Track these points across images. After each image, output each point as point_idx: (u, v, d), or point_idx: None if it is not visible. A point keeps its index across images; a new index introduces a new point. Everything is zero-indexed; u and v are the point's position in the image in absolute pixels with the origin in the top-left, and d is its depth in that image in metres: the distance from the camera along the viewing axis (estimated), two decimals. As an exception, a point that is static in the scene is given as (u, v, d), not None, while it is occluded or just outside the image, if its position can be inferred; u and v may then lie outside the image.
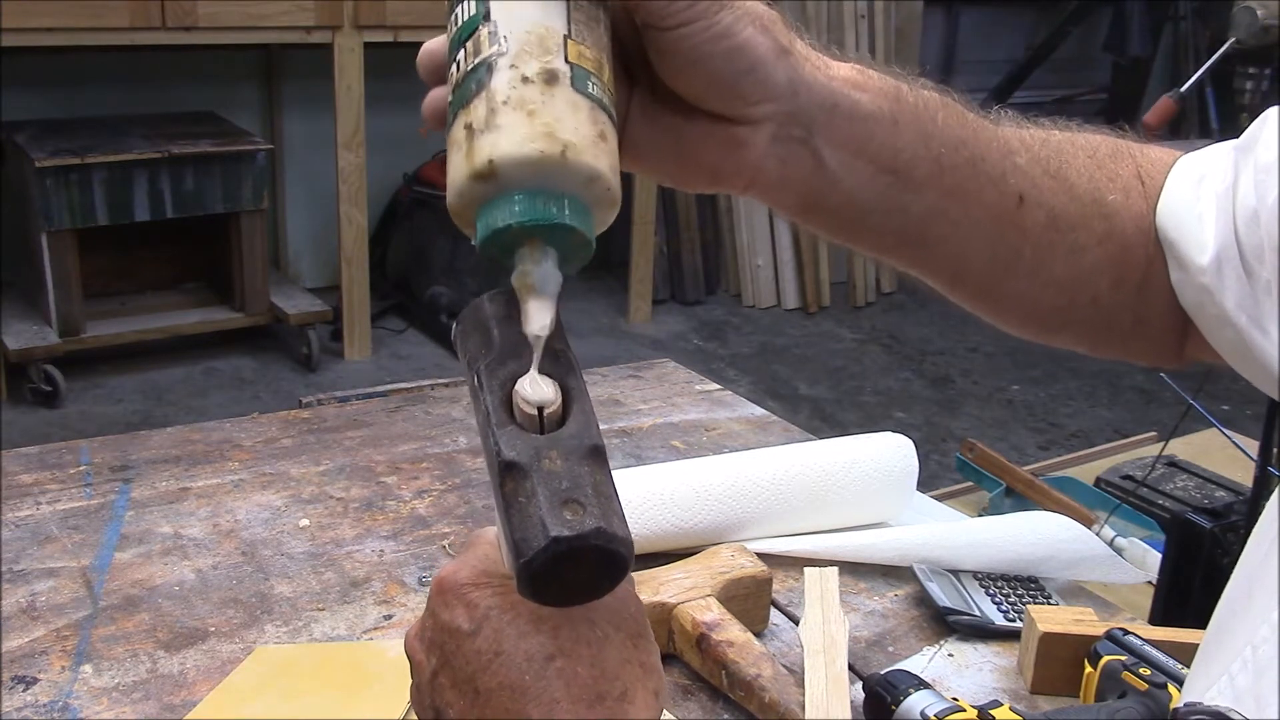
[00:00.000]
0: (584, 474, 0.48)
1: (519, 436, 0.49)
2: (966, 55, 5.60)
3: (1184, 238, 0.64)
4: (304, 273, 4.30)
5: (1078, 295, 0.67)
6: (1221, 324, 0.64)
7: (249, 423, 1.30)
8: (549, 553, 0.46)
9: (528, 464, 0.48)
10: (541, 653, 0.50)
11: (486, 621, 0.51)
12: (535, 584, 0.47)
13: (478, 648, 0.51)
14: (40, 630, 0.92)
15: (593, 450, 0.49)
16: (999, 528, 1.08)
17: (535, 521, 0.46)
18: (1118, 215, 0.65)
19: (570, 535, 0.46)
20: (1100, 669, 0.85)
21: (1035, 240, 0.64)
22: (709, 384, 1.49)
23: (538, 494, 0.47)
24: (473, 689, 0.51)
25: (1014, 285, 0.66)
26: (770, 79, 0.54)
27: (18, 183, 3.42)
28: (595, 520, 0.46)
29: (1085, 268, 0.65)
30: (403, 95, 4.18)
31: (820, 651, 0.85)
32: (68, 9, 3.12)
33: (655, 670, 0.53)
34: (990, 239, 0.63)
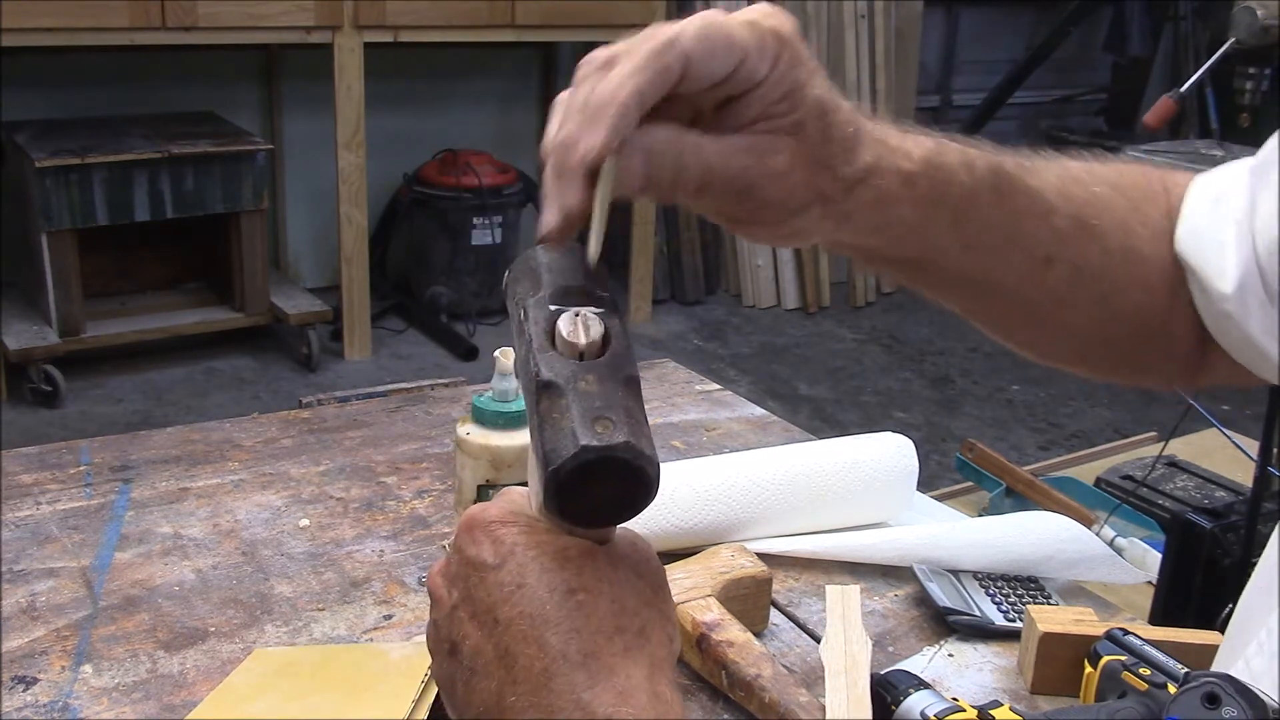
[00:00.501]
0: (617, 397, 0.50)
1: (559, 361, 0.51)
2: (966, 55, 5.60)
3: (1205, 264, 0.65)
4: (304, 273, 4.30)
5: (1098, 339, 0.69)
6: (1246, 346, 0.65)
7: (249, 423, 1.30)
8: (577, 460, 0.48)
9: (564, 384, 0.50)
10: (564, 586, 0.50)
11: (512, 556, 0.52)
12: (562, 494, 0.49)
13: (501, 579, 0.51)
14: (40, 630, 0.92)
15: (628, 379, 0.51)
16: (999, 528, 1.08)
17: (566, 433, 0.48)
18: (1145, 263, 0.67)
19: (599, 445, 0.48)
20: (1100, 669, 0.85)
21: (1057, 295, 0.66)
22: (709, 384, 1.49)
23: (571, 410, 0.49)
24: (492, 618, 0.51)
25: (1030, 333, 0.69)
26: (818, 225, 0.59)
27: (18, 183, 3.42)
28: (624, 436, 0.48)
29: (1107, 315, 0.67)
30: (403, 95, 4.19)
31: (842, 672, 0.85)
32: (68, 9, 3.12)
33: (672, 619, 0.54)
34: (1009, 294, 0.66)
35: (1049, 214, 0.63)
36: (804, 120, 0.56)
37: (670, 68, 0.51)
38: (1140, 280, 0.66)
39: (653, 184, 0.53)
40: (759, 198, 0.56)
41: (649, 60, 0.51)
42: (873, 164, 0.58)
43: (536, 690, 0.49)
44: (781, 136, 0.55)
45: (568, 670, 0.49)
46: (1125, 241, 0.66)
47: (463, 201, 4.02)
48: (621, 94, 0.51)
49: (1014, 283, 0.65)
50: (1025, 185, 0.63)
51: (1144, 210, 0.67)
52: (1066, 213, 0.64)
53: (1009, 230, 0.63)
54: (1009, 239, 0.63)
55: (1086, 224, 0.65)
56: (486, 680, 0.51)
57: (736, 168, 0.55)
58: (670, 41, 0.51)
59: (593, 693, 0.48)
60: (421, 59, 4.12)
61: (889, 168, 0.58)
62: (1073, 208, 0.64)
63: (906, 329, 4.41)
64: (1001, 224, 0.62)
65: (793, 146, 0.56)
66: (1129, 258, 0.66)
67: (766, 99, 0.54)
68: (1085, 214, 0.65)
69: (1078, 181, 0.66)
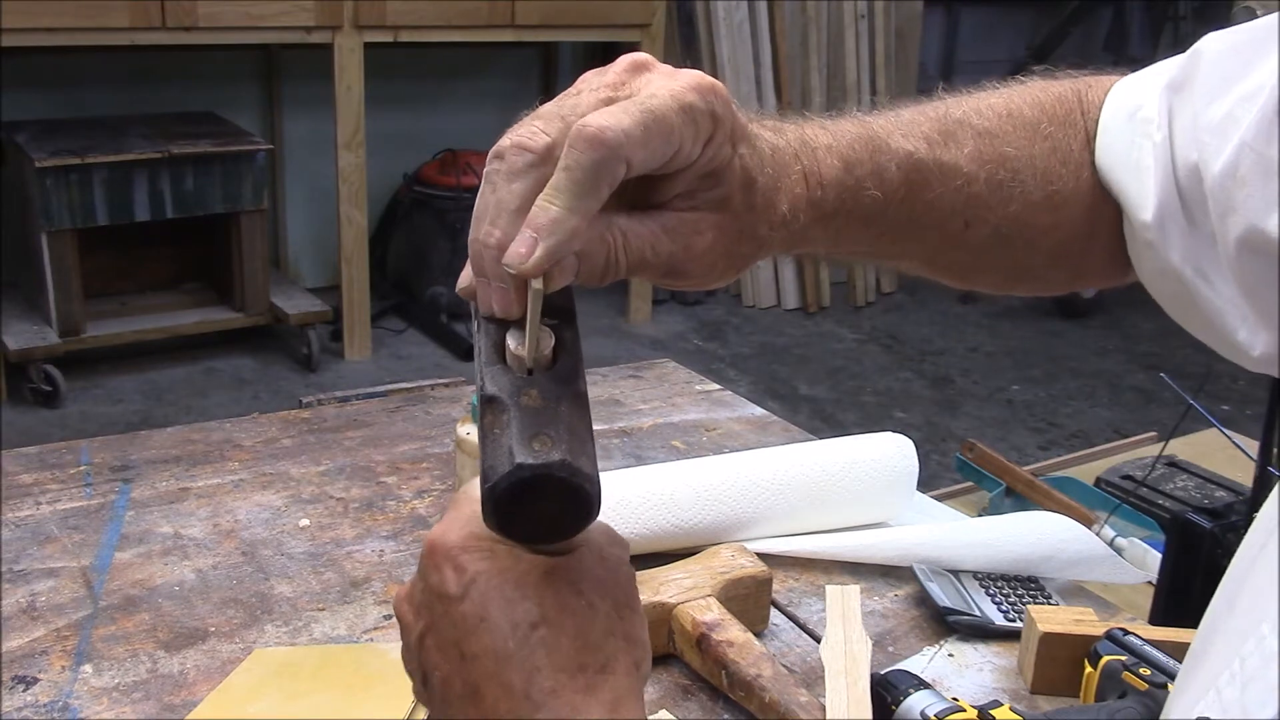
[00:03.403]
0: (560, 414, 0.50)
1: (504, 375, 0.51)
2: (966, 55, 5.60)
3: (1125, 190, 0.65)
4: (304, 273, 4.30)
5: (1021, 273, 0.70)
6: (1165, 277, 0.64)
7: (249, 423, 1.30)
8: (512, 479, 0.47)
9: (506, 399, 0.50)
10: (526, 620, 0.50)
11: (473, 586, 0.51)
12: (500, 511, 0.49)
13: (464, 612, 0.51)
14: (40, 630, 0.92)
15: (574, 395, 0.51)
16: (999, 528, 1.08)
17: (504, 450, 0.48)
18: (1066, 203, 0.66)
19: (534, 464, 0.47)
20: (1100, 669, 0.85)
21: (978, 249, 0.66)
22: (709, 384, 1.49)
23: (511, 426, 0.49)
24: (458, 653, 0.51)
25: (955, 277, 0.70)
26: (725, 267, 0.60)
27: (18, 183, 3.42)
28: (561, 454, 0.48)
29: (1029, 256, 0.68)
30: (403, 95, 4.19)
31: (842, 672, 0.85)
32: (68, 9, 3.12)
33: (638, 642, 0.53)
34: (928, 254, 0.67)
35: (965, 185, 0.64)
36: (729, 195, 0.56)
37: (615, 177, 0.51)
38: (1062, 221, 0.67)
39: (585, 277, 0.54)
40: (683, 273, 0.57)
41: (592, 176, 0.50)
42: (788, 212, 0.59)
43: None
44: (706, 214, 0.56)
45: (530, 711, 0.49)
46: (1047, 189, 0.66)
47: (463, 201, 4.01)
48: (568, 225, 0.50)
49: (932, 250, 0.67)
50: (940, 167, 0.63)
51: (1064, 147, 0.67)
52: (984, 178, 0.64)
53: (922, 215, 0.64)
54: (923, 222, 0.64)
55: (1005, 184, 0.65)
56: (458, 711, 0.51)
57: (664, 252, 0.55)
58: (615, 152, 0.50)
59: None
60: (421, 59, 4.12)
61: (802, 205, 0.60)
62: (990, 170, 0.65)
63: (906, 329, 4.41)
64: (914, 213, 0.63)
65: (716, 222, 0.56)
66: (1051, 203, 0.66)
67: (694, 175, 0.55)
68: (1003, 175, 0.65)
69: (995, 138, 0.66)
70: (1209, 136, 0.59)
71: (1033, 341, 4.28)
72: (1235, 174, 0.56)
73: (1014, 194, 0.65)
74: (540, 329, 0.51)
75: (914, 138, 0.63)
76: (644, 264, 0.55)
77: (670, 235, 0.55)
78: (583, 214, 0.50)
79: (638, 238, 0.54)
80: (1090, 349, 4.26)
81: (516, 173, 0.52)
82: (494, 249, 0.51)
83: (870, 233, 0.63)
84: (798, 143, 0.61)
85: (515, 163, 0.52)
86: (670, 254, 0.56)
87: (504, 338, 0.52)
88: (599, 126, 0.50)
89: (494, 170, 0.53)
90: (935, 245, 0.66)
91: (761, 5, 4.40)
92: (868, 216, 0.62)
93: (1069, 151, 0.67)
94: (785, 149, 0.60)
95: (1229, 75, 0.59)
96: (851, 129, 0.63)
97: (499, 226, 0.51)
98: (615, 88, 0.53)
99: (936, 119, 0.65)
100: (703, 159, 0.54)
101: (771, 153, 0.59)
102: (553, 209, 0.50)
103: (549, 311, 0.52)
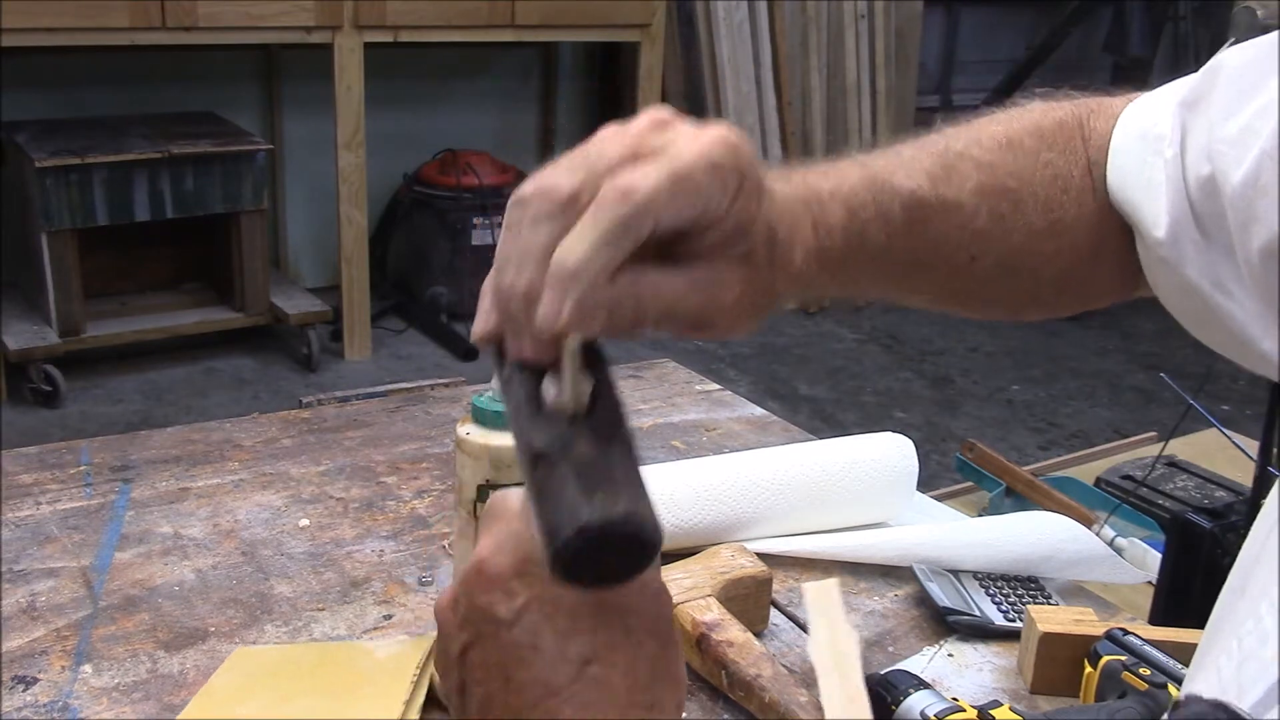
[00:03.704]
0: (613, 461, 0.49)
1: (548, 426, 0.50)
2: (966, 55, 5.60)
3: (1138, 208, 0.65)
4: (304, 273, 4.30)
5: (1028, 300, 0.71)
6: (1183, 293, 0.64)
7: (249, 423, 1.30)
8: (582, 538, 0.47)
9: (557, 453, 0.49)
10: (579, 656, 0.50)
11: (526, 614, 0.51)
12: (567, 569, 0.48)
13: (515, 639, 0.51)
14: (40, 630, 0.92)
15: (621, 438, 0.50)
16: (999, 528, 1.08)
17: (565, 508, 0.48)
18: (1069, 230, 0.67)
19: (600, 521, 0.47)
20: (1100, 669, 0.85)
21: (984, 281, 0.67)
22: (709, 384, 1.49)
23: (568, 481, 0.48)
24: (504, 677, 0.51)
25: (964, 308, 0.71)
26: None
27: (18, 183, 3.42)
28: (625, 504, 0.48)
29: (1033, 284, 0.69)
30: (403, 95, 4.19)
31: (833, 670, 0.84)
32: (68, 9, 3.12)
33: (680, 681, 0.53)
34: (937, 289, 0.68)
35: (969, 221, 0.65)
36: (754, 249, 0.56)
37: (641, 233, 0.50)
38: (1066, 247, 0.67)
39: (612, 329, 0.53)
40: (708, 325, 0.57)
41: (620, 230, 0.50)
42: (801, 264, 0.60)
43: None
44: (733, 267, 0.56)
45: None
46: (1049, 218, 0.66)
47: (463, 201, 4.02)
48: (592, 270, 0.49)
49: (939, 285, 0.67)
50: (943, 204, 0.64)
51: (1065, 174, 0.67)
52: (987, 211, 0.65)
53: (928, 254, 0.65)
54: (928, 260, 0.65)
55: (1007, 216, 0.65)
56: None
57: (692, 306, 0.55)
58: (644, 209, 0.50)
59: None
60: (421, 59, 4.12)
61: (812, 255, 0.60)
62: (993, 203, 0.65)
63: (906, 329, 4.41)
64: (919, 253, 0.64)
65: (742, 276, 0.56)
66: (1053, 230, 0.67)
67: (721, 231, 0.55)
68: (1005, 207, 0.65)
69: (996, 170, 0.66)
70: (1226, 148, 0.59)
71: (1033, 341, 4.28)
72: (1257, 183, 0.56)
73: (1016, 225, 0.66)
74: (577, 375, 0.51)
75: (916, 175, 0.64)
76: (671, 317, 0.55)
77: (698, 289, 0.55)
78: (605, 265, 0.50)
79: (667, 290, 0.54)
80: (1090, 349, 4.26)
81: (541, 218, 0.51)
82: (521, 296, 0.51)
83: (877, 271, 0.64)
84: (805, 191, 0.61)
85: (540, 208, 0.51)
86: (699, 306, 0.55)
87: (538, 387, 0.51)
88: (628, 183, 0.50)
89: (516, 217, 0.52)
90: (942, 280, 0.67)
91: (761, 5, 4.40)
92: (873, 260, 0.63)
93: (1070, 179, 0.67)
94: (795, 199, 0.60)
95: (1245, 89, 0.59)
96: (854, 172, 0.63)
97: (526, 273, 0.51)
98: (639, 143, 0.53)
99: (937, 155, 0.65)
100: (730, 216, 0.54)
101: (784, 203, 0.59)
102: (574, 257, 0.49)
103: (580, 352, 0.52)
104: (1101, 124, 0.69)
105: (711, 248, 0.55)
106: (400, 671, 0.84)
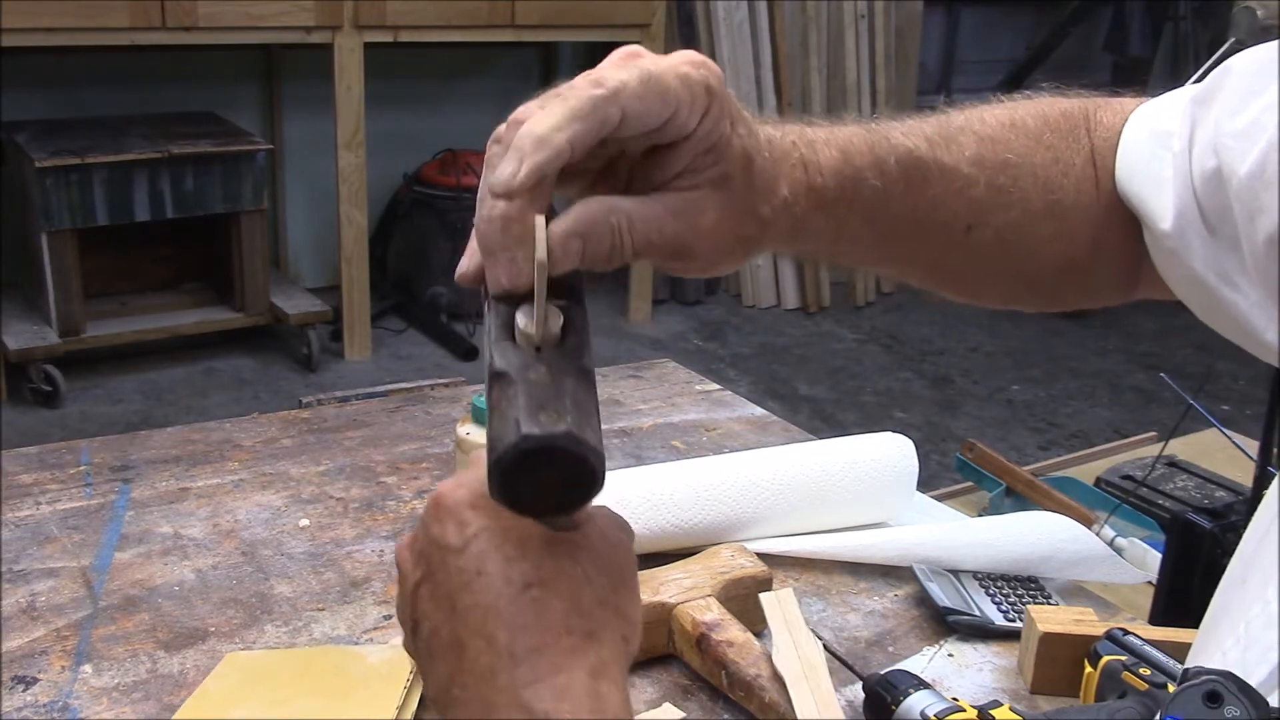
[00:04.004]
0: (566, 388, 0.51)
1: (512, 352, 0.52)
2: (966, 55, 5.60)
3: (1145, 202, 0.66)
4: (304, 273, 4.30)
5: (1025, 286, 0.71)
6: (1190, 283, 0.65)
7: (249, 423, 1.30)
8: (518, 449, 0.48)
9: (514, 374, 0.51)
10: (521, 579, 0.51)
11: (475, 540, 0.52)
12: (505, 481, 0.49)
13: (461, 565, 0.52)
14: (40, 630, 0.92)
15: (580, 370, 0.52)
16: (999, 528, 1.08)
17: (510, 422, 0.49)
18: (1068, 214, 0.67)
19: (540, 434, 0.48)
20: (1100, 669, 0.85)
21: (981, 256, 0.67)
22: (709, 384, 1.49)
23: (518, 399, 0.50)
24: (450, 605, 0.52)
25: (956, 289, 0.71)
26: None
27: (18, 183, 3.42)
28: (567, 425, 0.49)
29: (1032, 266, 0.69)
30: (403, 95, 4.19)
31: (802, 678, 0.84)
32: (68, 9, 3.12)
33: (629, 618, 0.54)
34: (934, 261, 0.68)
35: (966, 188, 0.65)
36: (729, 172, 0.57)
37: (609, 119, 0.52)
38: (1064, 232, 0.68)
39: (590, 259, 0.55)
40: (689, 254, 0.58)
41: (589, 108, 0.52)
42: (789, 196, 0.60)
43: (480, 684, 0.50)
44: (708, 192, 0.57)
45: (510, 667, 0.49)
46: (1047, 198, 0.67)
47: (463, 201, 4.01)
48: (556, 139, 0.52)
49: (936, 254, 0.68)
50: (940, 167, 0.64)
51: (1066, 159, 0.68)
52: (985, 182, 0.66)
53: (924, 215, 0.65)
54: (925, 222, 0.65)
55: (1005, 189, 0.66)
56: (441, 664, 0.52)
57: (669, 233, 0.56)
58: (613, 93, 0.52)
59: (532, 690, 0.49)
60: (421, 59, 4.12)
61: (801, 190, 0.61)
62: (991, 175, 0.66)
63: (906, 329, 4.41)
64: (916, 212, 0.65)
65: (719, 201, 0.57)
66: (1052, 212, 0.67)
67: (694, 151, 0.56)
68: (1004, 180, 0.66)
69: (996, 144, 0.67)
70: (1233, 141, 0.60)
71: (1033, 341, 4.28)
72: (1262, 176, 0.57)
73: (1014, 199, 0.66)
74: (549, 308, 0.52)
75: (914, 136, 0.64)
76: (650, 245, 0.56)
77: (675, 215, 0.56)
78: (570, 137, 0.51)
79: (642, 219, 0.55)
80: (1090, 349, 4.26)
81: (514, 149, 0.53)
82: (498, 219, 0.52)
83: (872, 231, 0.64)
84: (795, 134, 0.62)
85: (513, 139, 0.53)
86: (676, 234, 0.57)
87: (513, 317, 0.53)
88: (598, 74, 0.52)
89: (494, 153, 0.54)
90: (938, 250, 0.67)
91: (761, 5, 4.40)
92: (869, 211, 0.63)
93: (1070, 164, 0.68)
94: (783, 138, 0.61)
95: (1255, 86, 0.60)
96: (850, 126, 0.64)
97: (500, 201, 0.52)
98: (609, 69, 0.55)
99: (938, 124, 0.66)
100: (700, 131, 0.55)
101: (769, 140, 0.60)
102: (540, 127, 0.51)
103: (558, 292, 0.53)
104: (1109, 117, 0.70)
105: (686, 172, 0.56)
106: (393, 677, 0.84)
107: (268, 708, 0.83)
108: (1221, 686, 0.46)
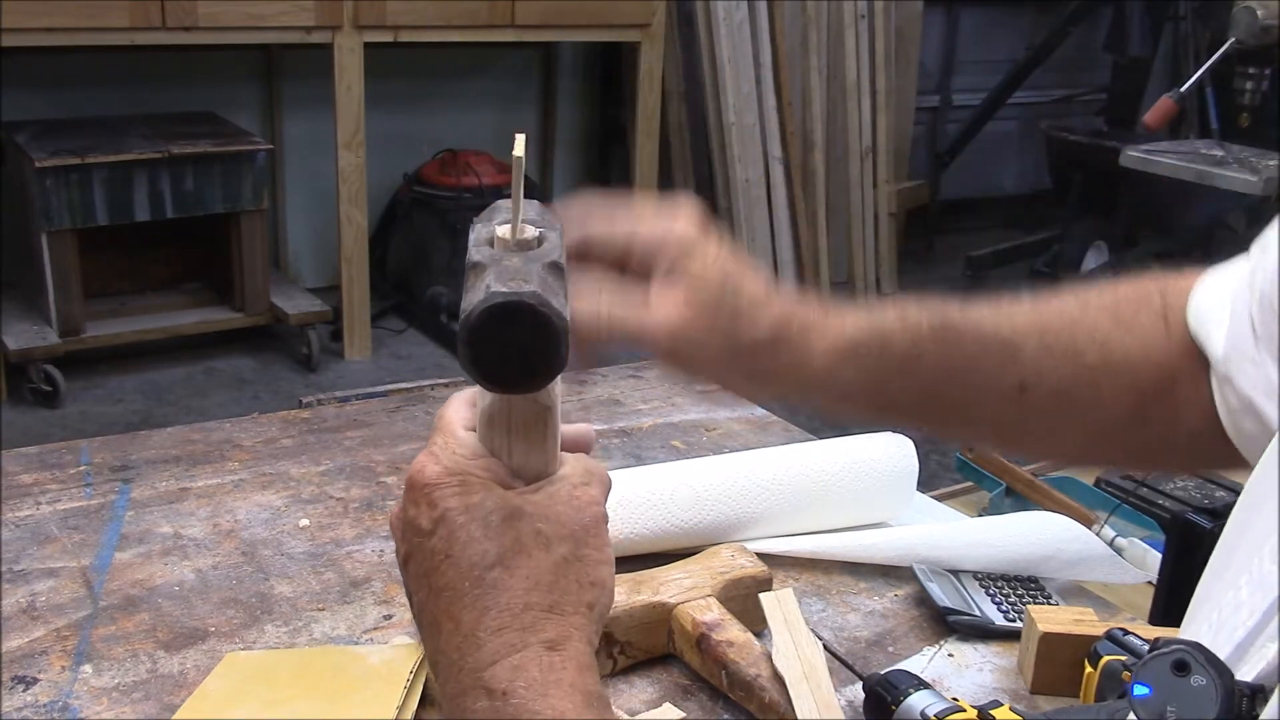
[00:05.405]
0: (535, 270, 0.53)
1: (489, 249, 0.55)
2: (966, 55, 5.60)
3: (1209, 337, 0.66)
4: (304, 273, 4.30)
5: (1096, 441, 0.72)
6: (1242, 413, 0.65)
7: (249, 423, 1.30)
8: (485, 305, 0.50)
9: (487, 261, 0.54)
10: (483, 560, 0.54)
11: (442, 523, 0.55)
12: (472, 341, 0.51)
13: (433, 547, 0.55)
14: (40, 630, 0.92)
15: (551, 263, 0.55)
16: (999, 528, 1.08)
17: (481, 289, 0.51)
18: (1134, 370, 0.68)
19: (506, 292, 0.50)
20: (1100, 669, 0.85)
21: (1041, 414, 0.69)
22: (709, 384, 1.49)
23: (489, 274, 0.52)
24: (428, 584, 0.55)
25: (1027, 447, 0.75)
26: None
27: (18, 183, 3.42)
28: (533, 289, 0.51)
29: (1099, 422, 0.69)
30: (403, 95, 4.19)
31: (802, 678, 0.84)
32: (68, 9, 3.12)
33: (593, 584, 0.56)
34: (993, 420, 0.70)
35: (1012, 348, 0.67)
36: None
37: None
38: (1130, 385, 0.68)
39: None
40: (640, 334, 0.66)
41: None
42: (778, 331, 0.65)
43: (451, 665, 0.53)
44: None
45: (474, 650, 0.53)
46: (1106, 354, 0.68)
47: (463, 201, 4.01)
48: None
49: (990, 412, 0.69)
50: (977, 328, 0.67)
51: (1131, 320, 0.69)
52: (1034, 343, 0.67)
53: (966, 371, 0.67)
54: (969, 379, 0.67)
55: (1056, 348, 0.68)
56: (428, 638, 0.56)
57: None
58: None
59: (490, 671, 0.52)
60: (421, 59, 4.12)
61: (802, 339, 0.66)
62: (1042, 336, 0.68)
63: (906, 329, 4.40)
64: (955, 367, 0.67)
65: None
66: (1112, 369, 0.68)
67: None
68: (1056, 341, 0.68)
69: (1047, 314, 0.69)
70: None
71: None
72: None
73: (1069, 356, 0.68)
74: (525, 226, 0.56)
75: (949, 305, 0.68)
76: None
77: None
78: None
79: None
80: (1090, 349, 4.25)
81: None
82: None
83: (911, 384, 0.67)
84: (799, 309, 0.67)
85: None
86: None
87: (494, 232, 0.56)
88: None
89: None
90: (992, 407, 0.69)
91: (761, 5, 4.40)
92: (902, 363, 0.66)
93: (1135, 323, 0.69)
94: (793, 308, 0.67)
95: None
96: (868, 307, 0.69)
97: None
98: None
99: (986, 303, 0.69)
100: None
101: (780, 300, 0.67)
102: None
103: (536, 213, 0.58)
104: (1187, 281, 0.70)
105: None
106: (393, 677, 0.83)
107: (267, 708, 0.83)
108: (1189, 656, 0.47)
